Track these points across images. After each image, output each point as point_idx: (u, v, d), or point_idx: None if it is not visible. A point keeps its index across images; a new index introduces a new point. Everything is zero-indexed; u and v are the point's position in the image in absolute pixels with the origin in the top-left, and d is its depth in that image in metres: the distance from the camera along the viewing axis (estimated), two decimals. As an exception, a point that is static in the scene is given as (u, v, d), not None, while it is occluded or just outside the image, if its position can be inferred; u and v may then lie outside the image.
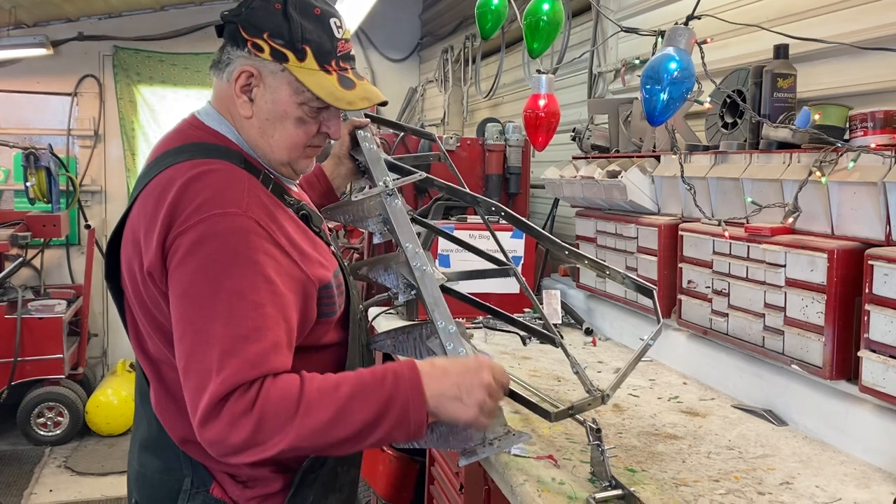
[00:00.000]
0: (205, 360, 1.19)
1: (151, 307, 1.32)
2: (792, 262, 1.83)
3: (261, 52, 1.35)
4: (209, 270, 1.22)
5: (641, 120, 2.66)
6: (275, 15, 1.35)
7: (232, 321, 1.20)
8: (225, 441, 1.17)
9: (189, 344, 1.22)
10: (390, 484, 2.81)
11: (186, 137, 1.40)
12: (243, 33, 1.36)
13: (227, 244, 1.24)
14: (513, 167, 3.55)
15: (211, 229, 1.24)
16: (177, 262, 1.24)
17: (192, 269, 1.23)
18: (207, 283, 1.22)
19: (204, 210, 1.25)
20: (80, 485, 4.58)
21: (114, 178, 6.25)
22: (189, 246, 1.23)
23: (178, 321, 1.24)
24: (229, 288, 1.21)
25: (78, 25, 6.05)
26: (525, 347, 2.51)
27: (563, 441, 1.73)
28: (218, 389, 1.16)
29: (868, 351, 1.62)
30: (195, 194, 1.26)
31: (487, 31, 2.75)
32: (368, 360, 1.61)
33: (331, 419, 1.19)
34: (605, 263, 1.77)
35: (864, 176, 1.65)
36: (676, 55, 1.77)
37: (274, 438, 1.17)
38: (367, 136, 1.79)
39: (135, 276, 1.32)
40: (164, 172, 1.32)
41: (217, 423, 1.17)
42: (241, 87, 1.38)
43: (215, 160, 1.33)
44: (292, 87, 1.37)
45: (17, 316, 4.90)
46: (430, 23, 6.33)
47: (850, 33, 1.95)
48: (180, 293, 1.24)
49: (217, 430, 1.17)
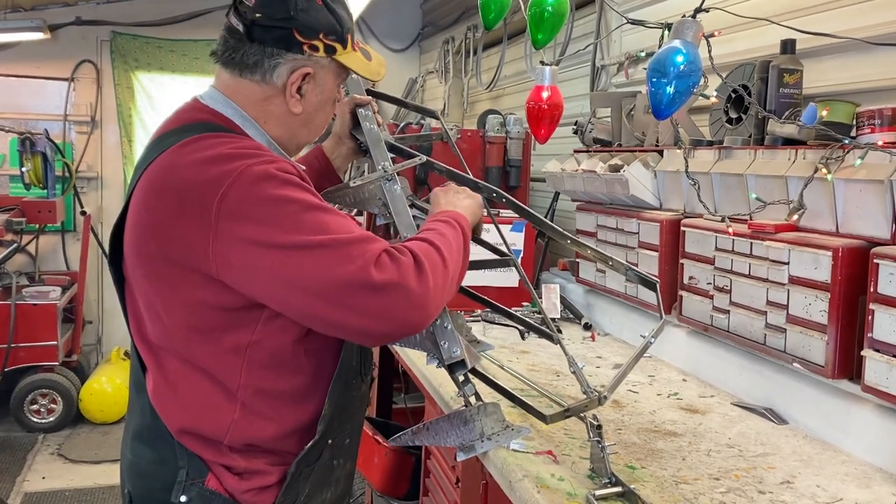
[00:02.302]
0: (342, 253, 1.19)
1: (178, 281, 1.28)
2: (796, 260, 1.81)
3: (316, 52, 1.39)
4: (281, 204, 1.21)
5: (644, 114, 2.64)
6: (322, 12, 1.39)
7: (339, 228, 1.23)
8: (408, 294, 1.20)
9: (309, 266, 1.19)
10: (386, 477, 2.79)
11: (189, 118, 1.39)
12: (300, 37, 1.37)
13: (276, 178, 1.23)
14: (513, 160, 3.53)
15: (254, 175, 1.22)
16: (240, 221, 1.20)
17: (256, 221, 1.20)
18: (290, 212, 1.21)
19: (234, 169, 1.23)
20: (72, 472, 4.57)
21: (110, 165, 6.20)
22: (238, 204, 1.20)
23: (283, 264, 1.19)
24: (308, 204, 1.24)
25: (76, 10, 5.99)
26: (524, 342, 2.49)
27: (562, 437, 1.72)
28: (369, 261, 1.19)
29: (872, 350, 1.60)
30: (214, 160, 1.24)
31: (490, 22, 2.72)
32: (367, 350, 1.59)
33: (455, 266, 1.36)
34: (608, 255, 1.74)
35: (871, 174, 1.64)
36: (683, 48, 1.75)
37: (441, 279, 1.28)
38: (369, 114, 1.75)
39: (147, 258, 1.29)
40: (170, 150, 1.29)
41: (390, 275, 1.19)
42: (297, 88, 1.40)
43: (222, 134, 1.34)
44: (335, 74, 1.45)
45: (12, 302, 4.88)
46: (432, 13, 6.29)
47: (859, 29, 1.93)
48: (265, 239, 1.20)
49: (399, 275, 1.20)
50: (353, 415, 1.53)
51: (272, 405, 1.37)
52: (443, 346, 1.45)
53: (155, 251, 1.28)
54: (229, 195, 1.21)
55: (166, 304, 1.31)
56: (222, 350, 1.32)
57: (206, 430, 1.35)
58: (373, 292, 1.18)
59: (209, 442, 1.35)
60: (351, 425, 1.53)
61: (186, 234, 1.24)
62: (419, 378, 2.33)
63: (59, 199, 5.39)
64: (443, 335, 1.45)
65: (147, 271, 1.32)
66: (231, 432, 1.35)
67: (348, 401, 1.49)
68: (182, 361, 1.34)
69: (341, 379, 1.44)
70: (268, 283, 1.21)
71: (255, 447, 1.37)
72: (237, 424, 1.35)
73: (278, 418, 1.38)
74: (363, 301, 1.18)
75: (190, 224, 1.23)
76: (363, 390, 1.58)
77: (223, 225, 1.21)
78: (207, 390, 1.34)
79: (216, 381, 1.34)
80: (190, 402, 1.34)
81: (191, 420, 1.34)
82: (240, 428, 1.35)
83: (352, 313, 1.19)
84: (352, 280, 1.18)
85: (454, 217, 1.48)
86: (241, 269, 1.22)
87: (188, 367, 1.34)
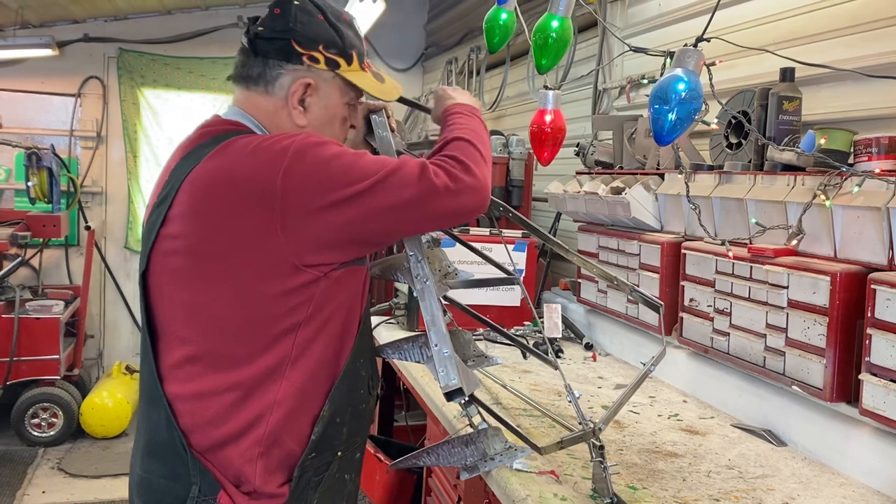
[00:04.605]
0: (400, 162, 1.37)
1: (244, 280, 1.34)
2: (794, 284, 1.84)
3: (317, 63, 1.44)
4: (334, 159, 1.33)
5: (646, 137, 2.68)
6: (322, 26, 1.44)
7: (385, 159, 1.38)
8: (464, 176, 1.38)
9: (378, 182, 1.33)
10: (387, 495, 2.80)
11: (216, 130, 1.45)
12: (298, 48, 1.42)
13: (321, 140, 1.35)
14: (515, 180, 3.57)
15: (302, 143, 1.33)
16: (312, 191, 1.30)
17: (325, 177, 1.31)
18: (344, 162, 1.33)
19: (282, 148, 1.32)
20: (73, 487, 4.56)
21: (115, 180, 6.25)
22: (307, 170, 1.31)
23: (352, 200, 1.32)
24: (356, 152, 1.36)
25: (84, 27, 6.06)
26: (525, 361, 2.52)
27: (564, 457, 1.74)
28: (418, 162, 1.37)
29: (869, 374, 1.63)
30: (260, 147, 1.33)
31: (495, 45, 2.76)
32: (372, 354, 1.62)
33: (486, 149, 1.50)
34: (613, 274, 1.77)
35: (868, 201, 1.67)
36: (685, 76, 1.78)
37: (481, 159, 1.44)
38: (382, 121, 1.78)
39: (202, 257, 1.35)
40: (210, 156, 1.36)
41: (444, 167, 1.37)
42: (299, 99, 1.45)
43: (253, 133, 1.42)
44: (340, 90, 1.49)
45: (15, 315, 4.89)
46: (436, 33, 6.36)
47: (857, 58, 1.98)
48: (337, 184, 1.31)
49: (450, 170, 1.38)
50: (363, 428, 1.55)
51: (296, 425, 1.40)
52: (441, 373, 1.45)
53: (211, 250, 1.34)
54: (292, 170, 1.30)
55: (219, 301, 1.36)
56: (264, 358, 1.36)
57: (236, 447, 1.36)
58: (438, 196, 1.36)
59: (234, 461, 1.37)
60: (361, 439, 1.55)
61: (247, 222, 1.31)
62: (422, 396, 2.35)
63: (63, 214, 5.41)
64: (441, 361, 1.45)
65: (201, 271, 1.36)
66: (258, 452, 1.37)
67: (359, 412, 1.50)
68: (224, 370, 1.37)
69: (346, 382, 1.45)
70: (360, 225, 1.35)
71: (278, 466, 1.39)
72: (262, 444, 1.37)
73: (300, 439, 1.40)
74: (436, 203, 1.36)
75: (251, 213, 1.31)
76: (370, 404, 1.60)
77: (291, 200, 1.30)
78: (237, 406, 1.36)
79: (251, 395, 1.37)
80: (220, 417, 1.36)
81: (221, 436, 1.36)
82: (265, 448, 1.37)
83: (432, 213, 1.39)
84: (417, 196, 1.35)
85: (468, 110, 1.60)
86: (333, 229, 1.33)
87: (223, 380, 1.36)
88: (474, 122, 1.57)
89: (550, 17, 2.31)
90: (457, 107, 1.62)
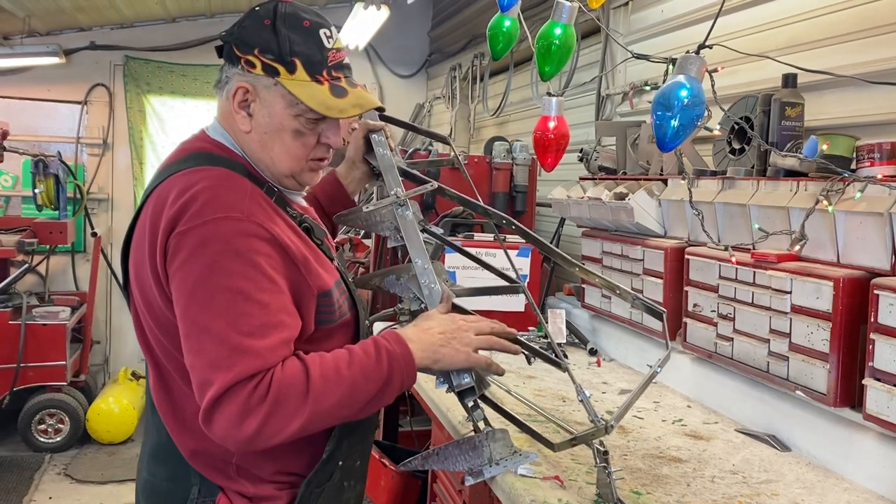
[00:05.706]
0: (214, 357, 1.23)
1: (158, 308, 1.35)
2: (798, 289, 1.84)
3: (253, 68, 1.40)
4: (213, 272, 1.26)
5: (649, 143, 2.69)
6: (264, 31, 1.40)
7: (240, 320, 1.25)
8: (236, 433, 1.23)
9: (196, 342, 1.26)
10: (392, 500, 2.80)
11: (193, 149, 1.45)
12: (236, 51, 1.41)
13: (230, 246, 1.27)
14: (519, 185, 3.59)
15: (212, 232, 1.28)
16: (179, 263, 1.27)
17: (196, 271, 1.26)
18: (212, 284, 1.26)
19: (206, 213, 1.28)
20: (79, 492, 4.58)
21: (121, 187, 6.29)
22: (192, 248, 1.27)
23: (183, 319, 1.27)
24: (235, 288, 1.26)
25: (90, 35, 6.12)
26: (530, 366, 2.52)
27: (568, 462, 1.75)
28: (228, 381, 1.21)
29: (872, 379, 1.63)
30: (197, 198, 1.30)
31: (498, 52, 2.78)
32: None
33: (338, 402, 1.29)
34: (616, 283, 1.78)
35: (871, 206, 1.68)
36: (687, 83, 1.80)
37: (287, 425, 1.25)
38: (382, 140, 1.78)
39: (143, 280, 1.36)
40: (169, 179, 1.37)
41: (227, 413, 1.22)
42: (239, 103, 1.43)
43: (219, 167, 1.38)
44: (286, 100, 1.41)
45: (21, 322, 4.92)
46: (439, 40, 6.39)
47: (859, 65, 1.98)
48: (186, 293, 1.27)
49: (227, 422, 1.22)
50: (363, 437, 1.56)
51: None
52: (453, 372, 1.48)
53: (149, 270, 1.34)
54: (189, 235, 1.27)
55: (158, 323, 1.37)
56: None
57: (215, 453, 1.38)
58: (206, 414, 1.24)
59: (218, 465, 1.39)
60: (362, 447, 1.56)
61: (159, 261, 1.31)
62: (427, 402, 2.36)
63: (70, 221, 5.45)
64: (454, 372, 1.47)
65: (143, 290, 1.38)
66: (238, 455, 1.38)
67: (358, 422, 1.51)
68: (186, 383, 1.36)
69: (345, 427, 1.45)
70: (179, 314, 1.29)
71: (262, 469, 1.40)
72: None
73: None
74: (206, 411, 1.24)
75: (160, 250, 1.31)
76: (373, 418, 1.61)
77: (174, 258, 1.29)
78: None
79: None
80: (196, 424, 1.36)
81: (198, 442, 1.38)
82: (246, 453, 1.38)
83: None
84: (208, 380, 1.23)
85: (392, 352, 1.37)
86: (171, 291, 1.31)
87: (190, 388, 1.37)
88: (370, 364, 1.34)
89: (553, 24, 2.32)
90: (387, 337, 1.41)
